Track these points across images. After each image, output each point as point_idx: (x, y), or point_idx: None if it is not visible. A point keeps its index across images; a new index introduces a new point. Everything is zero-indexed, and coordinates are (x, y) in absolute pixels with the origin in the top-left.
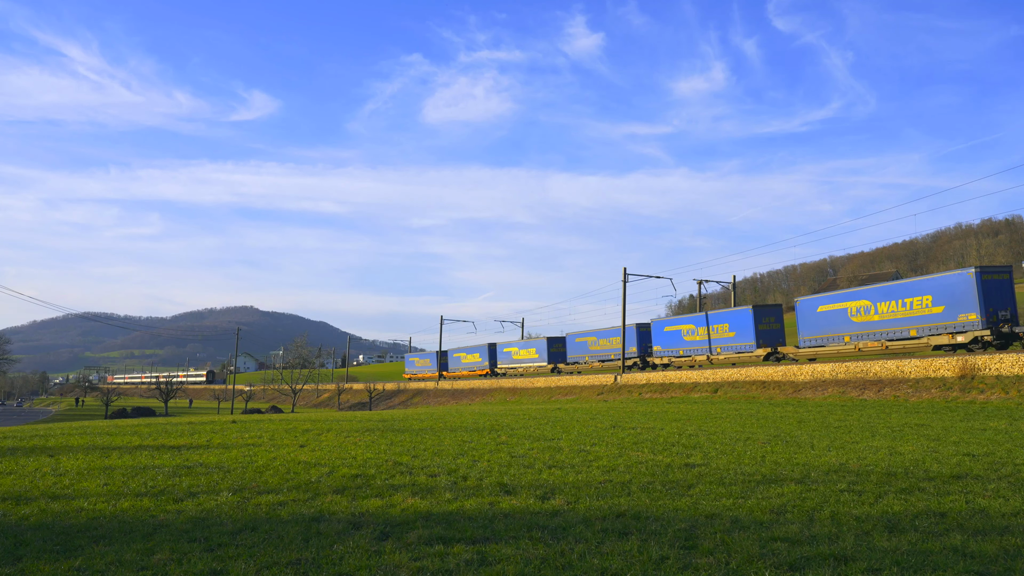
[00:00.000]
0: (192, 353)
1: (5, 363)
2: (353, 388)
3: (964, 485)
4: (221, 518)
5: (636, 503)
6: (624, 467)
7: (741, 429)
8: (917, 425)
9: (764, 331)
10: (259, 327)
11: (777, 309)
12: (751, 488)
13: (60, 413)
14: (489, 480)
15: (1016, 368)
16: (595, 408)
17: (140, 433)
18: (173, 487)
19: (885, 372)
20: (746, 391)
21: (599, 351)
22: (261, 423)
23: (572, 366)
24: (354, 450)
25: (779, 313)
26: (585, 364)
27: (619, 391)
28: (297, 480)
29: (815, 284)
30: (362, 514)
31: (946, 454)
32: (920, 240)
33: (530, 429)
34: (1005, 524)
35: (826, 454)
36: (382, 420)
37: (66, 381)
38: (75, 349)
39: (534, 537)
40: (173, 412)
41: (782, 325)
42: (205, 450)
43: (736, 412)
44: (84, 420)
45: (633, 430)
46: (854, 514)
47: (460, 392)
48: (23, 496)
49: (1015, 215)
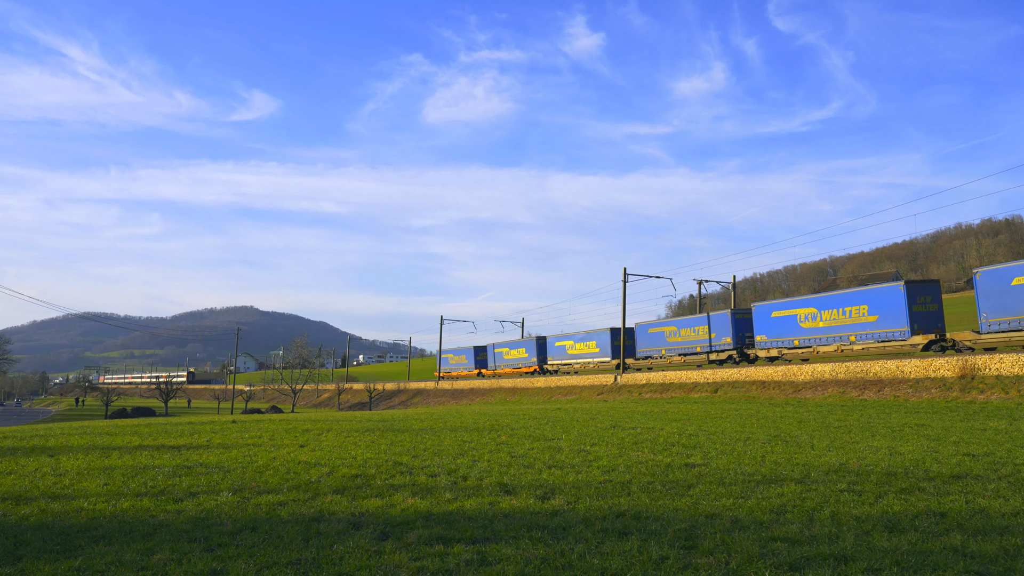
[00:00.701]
0: (192, 353)
1: (5, 363)
2: (353, 388)
3: (964, 485)
4: (221, 518)
5: (636, 503)
6: (624, 467)
7: (741, 429)
8: (917, 425)
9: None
10: (259, 327)
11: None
12: (751, 488)
13: (60, 413)
14: (489, 480)
15: (1016, 368)
16: (595, 408)
17: (140, 433)
18: (173, 487)
19: (885, 372)
20: (746, 391)
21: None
22: (261, 423)
23: (641, 361)
24: (354, 450)
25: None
26: (661, 359)
27: (619, 391)
28: (297, 480)
29: (815, 284)
30: (362, 514)
31: (946, 454)
32: (920, 240)
33: (530, 429)
34: (1005, 524)
35: (826, 454)
36: (382, 420)
37: (66, 381)
38: (75, 349)
39: (534, 537)
40: (173, 412)
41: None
42: (205, 450)
43: (736, 412)
44: (84, 420)
45: (633, 430)
46: (854, 514)
47: (460, 392)
48: (23, 496)
49: (1015, 215)
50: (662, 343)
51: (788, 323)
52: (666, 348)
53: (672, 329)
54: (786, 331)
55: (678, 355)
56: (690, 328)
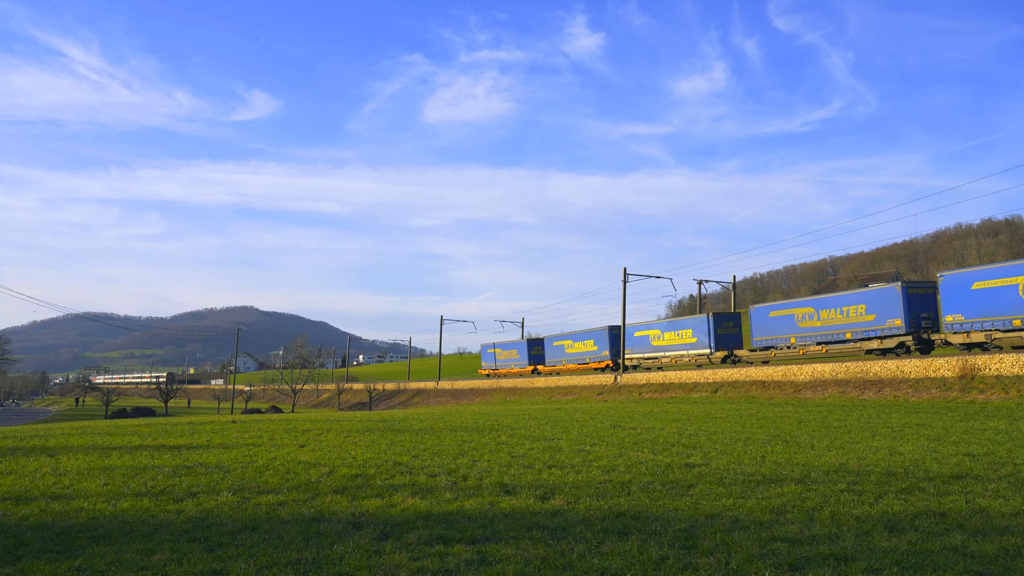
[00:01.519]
0: (192, 353)
1: (5, 363)
2: (353, 388)
3: (964, 485)
4: (221, 518)
5: (636, 503)
6: (624, 467)
7: (741, 429)
8: (917, 425)
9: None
10: (259, 327)
11: (736, 316)
12: (751, 488)
13: (60, 413)
14: (489, 480)
15: (1016, 368)
16: (595, 408)
17: (140, 433)
18: (173, 487)
19: (885, 372)
20: (746, 391)
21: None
22: (261, 423)
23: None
24: (354, 450)
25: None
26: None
27: (619, 391)
28: (297, 480)
29: (815, 284)
30: (362, 514)
31: (946, 454)
32: (920, 240)
33: (530, 429)
34: (1005, 524)
35: (826, 454)
36: (382, 420)
37: (66, 381)
38: (75, 349)
39: (534, 537)
40: (173, 412)
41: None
42: (205, 450)
43: (736, 412)
44: (84, 420)
45: (633, 430)
46: (854, 514)
47: (460, 392)
48: (23, 496)
49: (1015, 215)
50: (647, 347)
51: (643, 341)
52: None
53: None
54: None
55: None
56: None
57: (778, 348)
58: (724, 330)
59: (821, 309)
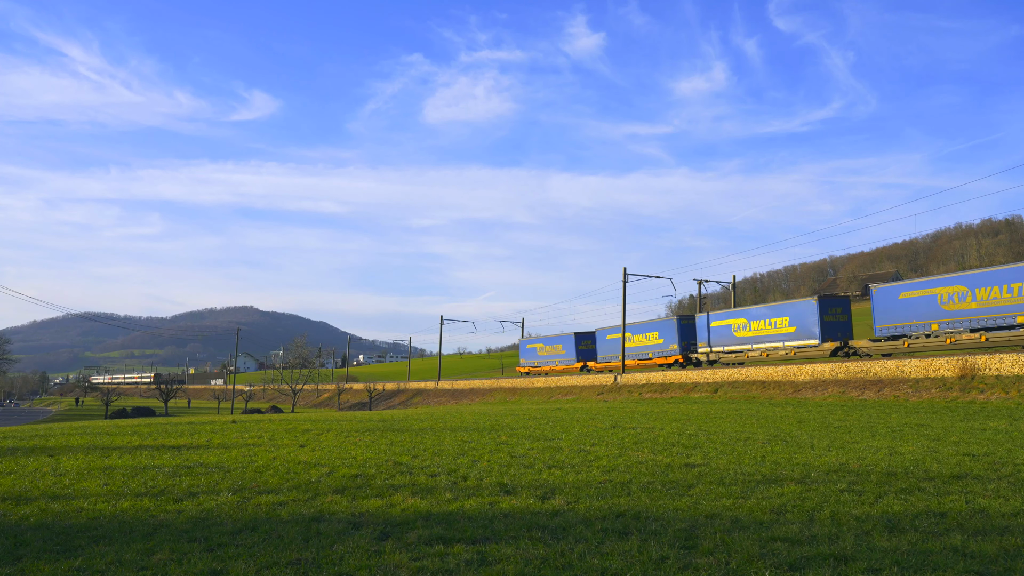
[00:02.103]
0: (192, 353)
1: (5, 363)
2: (353, 388)
3: (964, 485)
4: (221, 518)
5: (636, 503)
6: (624, 467)
7: (741, 429)
8: (917, 425)
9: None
10: (259, 327)
11: (846, 301)
12: (751, 488)
13: (60, 413)
14: (489, 480)
15: (1016, 368)
16: (595, 408)
17: (140, 433)
18: (173, 487)
19: (885, 372)
20: (746, 391)
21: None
22: (261, 423)
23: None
24: (354, 450)
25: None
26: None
27: (619, 391)
28: (297, 480)
29: (815, 284)
30: (362, 514)
31: (946, 454)
32: (920, 240)
33: (530, 429)
34: (1005, 524)
35: (826, 454)
36: (382, 420)
37: (66, 381)
38: (75, 349)
39: (534, 537)
40: (173, 412)
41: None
42: (205, 450)
43: (736, 412)
44: (84, 420)
45: (633, 430)
46: (854, 514)
47: (460, 392)
48: (23, 496)
49: (1015, 215)
50: (616, 349)
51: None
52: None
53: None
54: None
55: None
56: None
57: (912, 337)
58: (832, 317)
59: (978, 287)
